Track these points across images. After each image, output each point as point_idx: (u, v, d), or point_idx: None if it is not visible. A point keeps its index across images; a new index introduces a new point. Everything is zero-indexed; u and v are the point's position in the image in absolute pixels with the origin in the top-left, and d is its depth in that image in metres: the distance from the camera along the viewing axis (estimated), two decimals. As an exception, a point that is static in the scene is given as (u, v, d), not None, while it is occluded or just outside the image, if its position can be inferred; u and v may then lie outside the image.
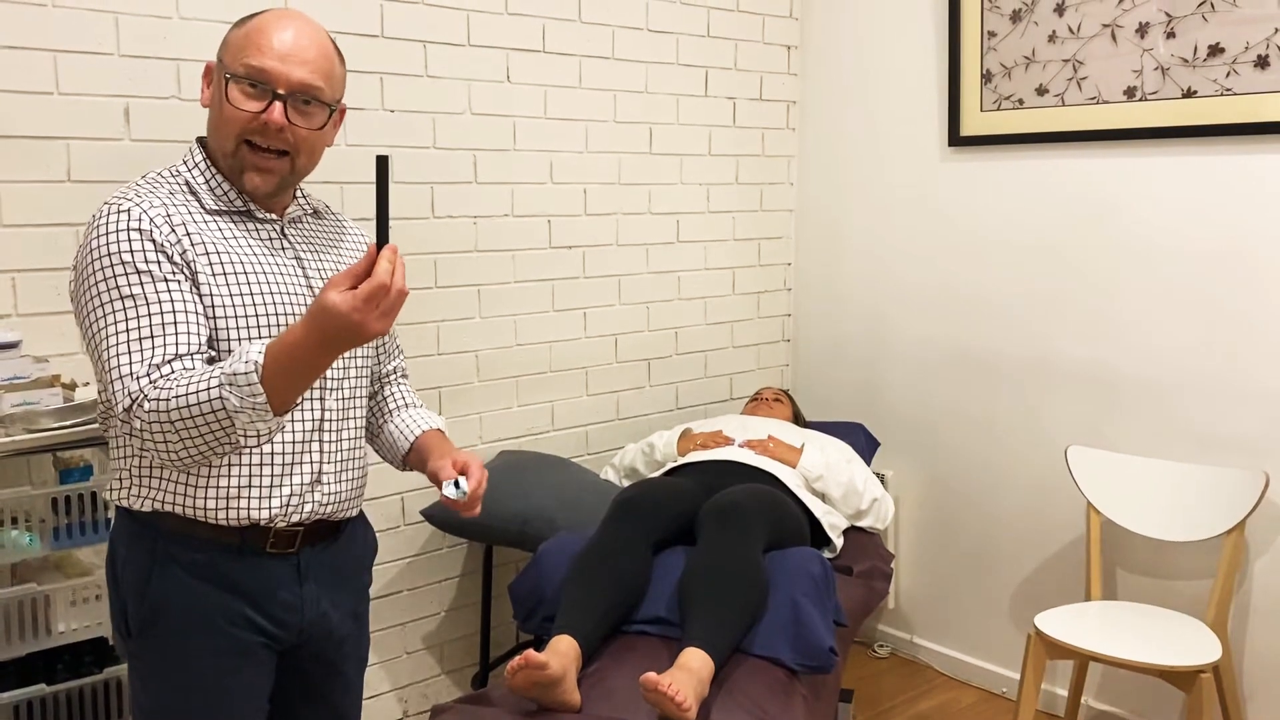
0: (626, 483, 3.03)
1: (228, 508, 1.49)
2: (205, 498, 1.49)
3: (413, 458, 1.72)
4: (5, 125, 2.13)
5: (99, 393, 1.53)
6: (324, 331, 1.30)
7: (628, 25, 3.08)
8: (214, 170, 1.54)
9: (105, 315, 1.41)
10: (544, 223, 2.98)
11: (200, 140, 1.58)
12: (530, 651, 1.92)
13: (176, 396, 1.35)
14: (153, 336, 1.40)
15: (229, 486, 1.49)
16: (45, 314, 2.20)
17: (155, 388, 1.36)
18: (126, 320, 1.40)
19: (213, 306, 1.46)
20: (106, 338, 1.41)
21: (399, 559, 2.82)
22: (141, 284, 1.41)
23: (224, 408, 1.32)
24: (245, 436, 1.37)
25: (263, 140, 1.49)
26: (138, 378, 1.38)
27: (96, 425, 1.87)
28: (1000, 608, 3.20)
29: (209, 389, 1.33)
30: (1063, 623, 2.53)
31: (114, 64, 2.24)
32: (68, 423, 1.89)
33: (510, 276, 2.93)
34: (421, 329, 2.77)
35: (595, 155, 3.06)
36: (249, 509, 1.50)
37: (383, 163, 1.33)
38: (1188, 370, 2.73)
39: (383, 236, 1.33)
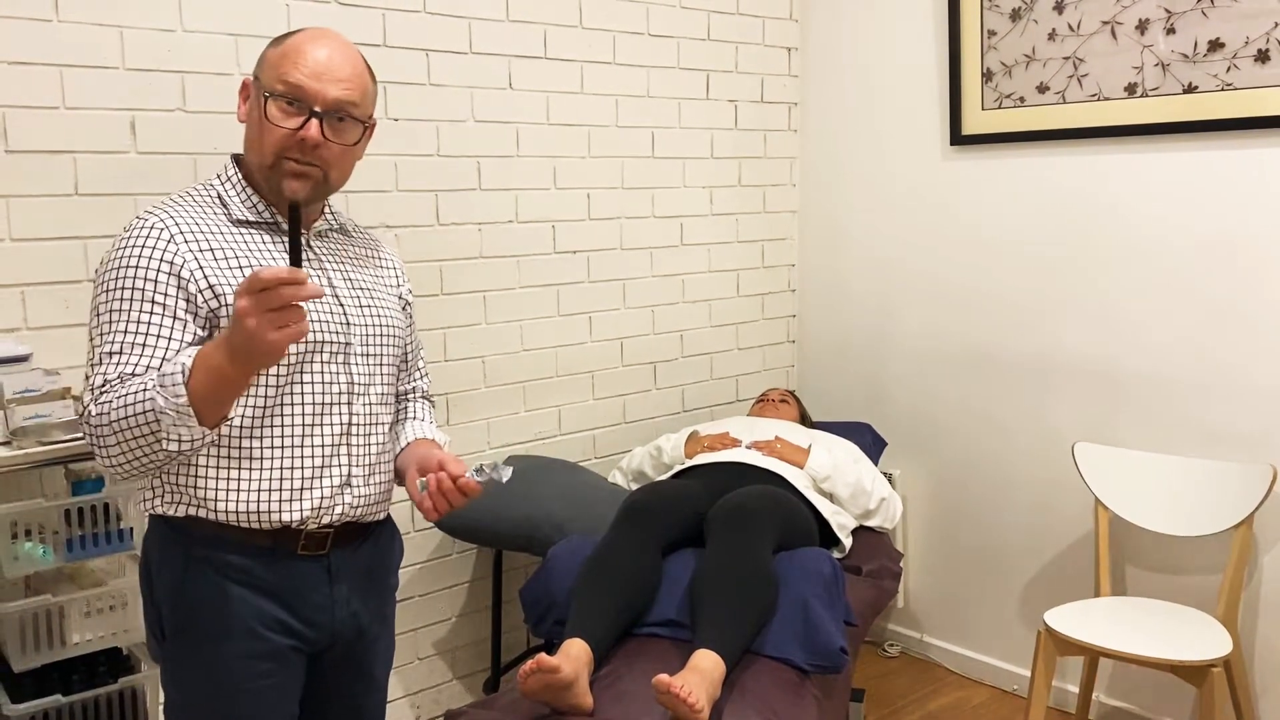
0: (634, 486, 3.04)
1: (259, 511, 1.52)
2: (237, 502, 1.51)
3: (398, 463, 1.71)
4: (13, 139, 2.14)
5: None
6: (230, 333, 1.32)
7: (628, 30, 3.09)
8: (244, 183, 1.59)
9: (97, 325, 1.49)
10: (548, 228, 2.99)
11: (235, 157, 1.62)
12: (542, 655, 1.93)
13: (118, 398, 1.40)
14: (121, 353, 1.45)
15: (260, 490, 1.52)
16: (55, 327, 2.21)
17: (100, 399, 1.42)
18: (105, 334, 1.47)
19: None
20: (93, 347, 1.49)
21: (410, 565, 2.83)
22: (132, 300, 1.46)
23: (152, 409, 1.36)
24: (169, 442, 1.38)
25: (300, 156, 1.53)
26: (94, 389, 1.44)
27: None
28: (1010, 605, 3.20)
29: (143, 390, 1.38)
30: (1072, 619, 2.53)
31: (119, 78, 2.25)
32: (79, 435, 1.90)
33: (515, 282, 2.94)
34: (428, 336, 2.78)
35: (598, 160, 3.08)
36: (280, 512, 1.53)
37: (293, 209, 1.39)
38: (1194, 365, 2.74)
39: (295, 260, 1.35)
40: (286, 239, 1.58)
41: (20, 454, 1.85)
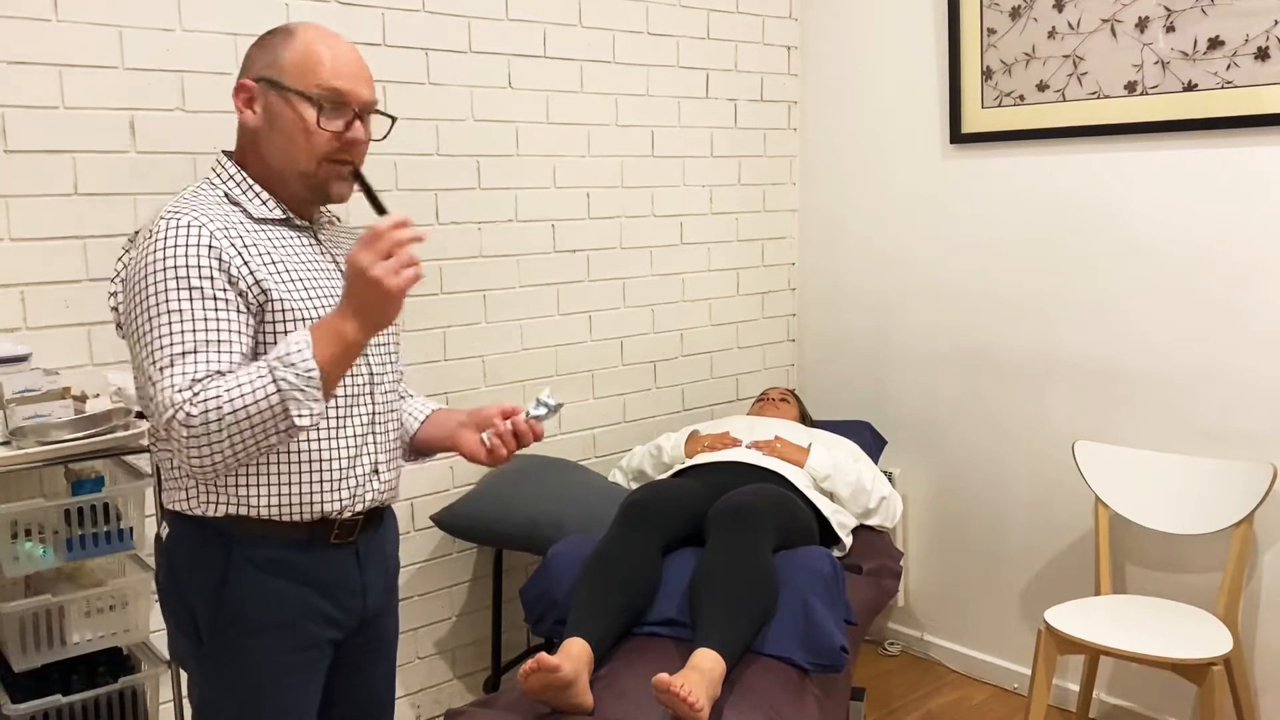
0: (634, 485, 3.04)
1: (300, 504, 1.55)
2: (279, 496, 1.54)
3: (422, 436, 1.78)
4: (12, 139, 2.14)
5: (145, 407, 1.55)
6: (350, 293, 1.41)
7: (628, 29, 3.09)
8: (249, 181, 1.58)
9: (154, 328, 1.44)
10: (548, 227, 2.99)
11: (227, 154, 1.62)
12: (542, 655, 1.93)
13: (225, 394, 1.39)
14: (195, 352, 1.43)
15: (301, 484, 1.55)
16: (54, 326, 2.21)
17: (197, 398, 1.40)
18: (173, 335, 1.44)
19: (283, 310, 1.51)
20: (153, 351, 1.44)
21: (410, 564, 2.83)
22: (191, 299, 1.44)
23: (278, 390, 1.39)
24: (301, 418, 1.41)
25: (347, 156, 1.57)
26: (179, 390, 1.41)
27: (113, 438, 1.90)
28: (1010, 603, 3.20)
29: (260, 377, 1.40)
30: (1073, 617, 2.53)
31: (118, 77, 2.25)
32: (79, 435, 1.90)
33: (515, 281, 2.94)
34: (428, 335, 2.78)
35: (598, 159, 3.07)
36: (320, 503, 1.56)
37: (359, 176, 1.53)
38: (1194, 363, 2.74)
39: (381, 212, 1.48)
40: (318, 246, 1.63)
41: (20, 454, 1.85)
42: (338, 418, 1.58)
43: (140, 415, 1.99)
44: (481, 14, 2.78)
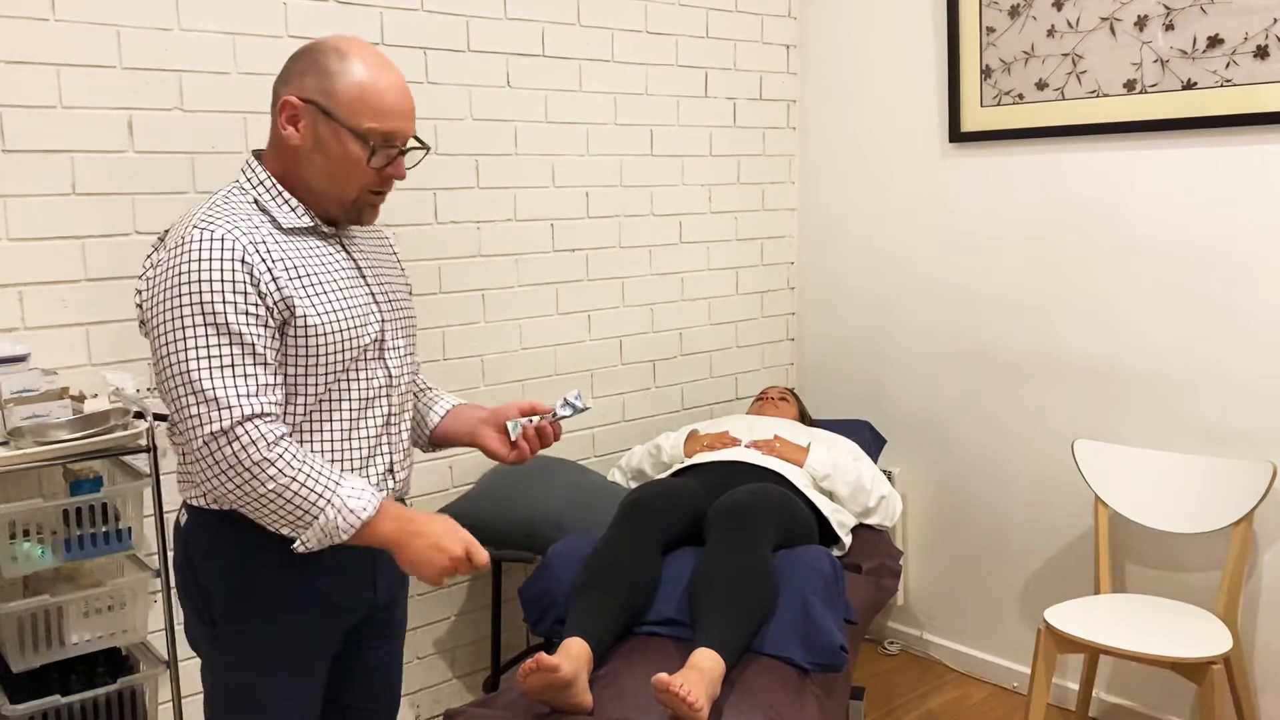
0: (633, 485, 3.04)
1: None
2: None
3: (442, 430, 1.82)
4: (10, 139, 2.14)
5: (168, 406, 1.55)
6: (418, 530, 1.53)
7: (627, 28, 3.09)
8: (279, 189, 1.59)
9: (194, 337, 1.46)
10: (547, 226, 2.99)
11: (256, 154, 1.62)
12: (542, 654, 1.92)
13: (294, 469, 1.46)
14: (236, 366, 1.46)
15: None
16: (53, 326, 2.21)
17: (276, 445, 1.45)
18: (211, 348, 1.46)
19: (305, 325, 1.52)
20: (190, 359, 1.45)
21: (408, 564, 2.83)
22: (226, 314, 1.46)
23: (317, 513, 1.47)
24: (299, 540, 1.49)
25: (385, 187, 1.61)
26: (235, 408, 1.45)
27: (112, 438, 1.90)
28: (1010, 602, 3.20)
29: (325, 488, 1.48)
30: (1072, 616, 2.53)
31: (116, 77, 2.25)
32: (78, 435, 1.90)
33: (514, 280, 2.94)
34: (427, 335, 2.78)
35: (596, 158, 3.07)
36: None
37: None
38: (1194, 362, 2.74)
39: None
40: (343, 251, 1.64)
41: (18, 454, 1.85)
42: (351, 420, 1.60)
43: (139, 415, 1.99)
44: (480, 13, 2.78)
